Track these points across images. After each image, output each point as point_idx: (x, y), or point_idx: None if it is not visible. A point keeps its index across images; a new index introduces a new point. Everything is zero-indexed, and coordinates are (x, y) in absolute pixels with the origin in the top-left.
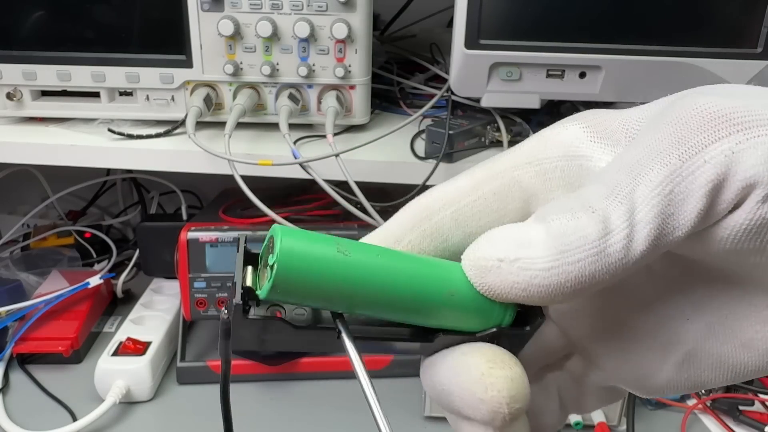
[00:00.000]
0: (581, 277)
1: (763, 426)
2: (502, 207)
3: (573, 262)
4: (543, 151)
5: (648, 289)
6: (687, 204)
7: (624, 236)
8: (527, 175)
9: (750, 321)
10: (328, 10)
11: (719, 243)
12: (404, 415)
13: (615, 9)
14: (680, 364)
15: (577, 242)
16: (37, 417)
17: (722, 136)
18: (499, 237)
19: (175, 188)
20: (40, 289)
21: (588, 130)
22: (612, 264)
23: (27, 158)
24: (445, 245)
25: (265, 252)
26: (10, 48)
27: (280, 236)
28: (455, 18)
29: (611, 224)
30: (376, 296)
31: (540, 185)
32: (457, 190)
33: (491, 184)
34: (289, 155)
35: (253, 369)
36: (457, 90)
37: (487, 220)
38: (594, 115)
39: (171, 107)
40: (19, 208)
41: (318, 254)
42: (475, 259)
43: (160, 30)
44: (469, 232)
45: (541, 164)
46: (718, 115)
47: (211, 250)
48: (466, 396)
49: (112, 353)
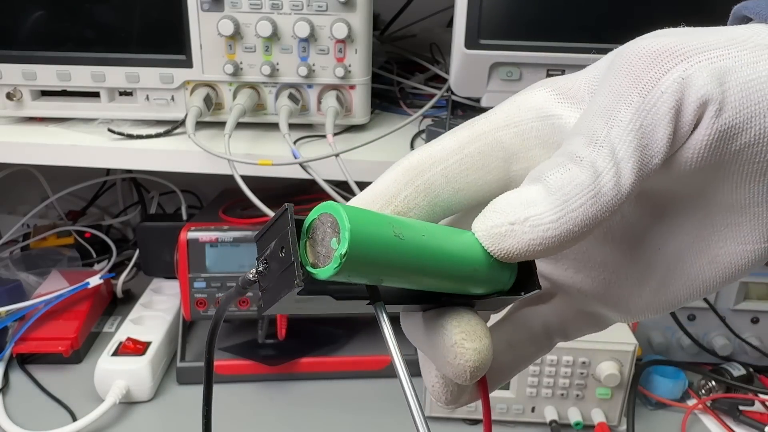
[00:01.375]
0: (586, 219)
1: (763, 426)
2: (486, 165)
3: (576, 208)
4: (518, 114)
5: (619, 226)
6: (657, 132)
7: (612, 174)
8: (507, 136)
9: (713, 239)
10: (328, 10)
11: (687, 163)
12: (404, 415)
13: (615, 9)
14: (656, 289)
15: (574, 190)
16: (37, 417)
17: (670, 67)
18: (503, 203)
19: (175, 188)
20: (40, 289)
21: (554, 93)
22: (609, 201)
23: (27, 158)
24: (436, 201)
25: (311, 227)
26: (10, 48)
27: (347, 222)
28: (455, 18)
29: (599, 167)
30: (418, 273)
31: (519, 144)
32: (443, 149)
33: (475, 144)
34: (289, 155)
35: (253, 369)
36: (457, 90)
37: (474, 177)
38: (555, 81)
39: (171, 107)
40: (19, 208)
41: (380, 239)
42: (487, 229)
43: (160, 30)
44: (457, 188)
45: (518, 126)
46: (660, 51)
47: (211, 250)
48: (439, 356)
49: (112, 353)
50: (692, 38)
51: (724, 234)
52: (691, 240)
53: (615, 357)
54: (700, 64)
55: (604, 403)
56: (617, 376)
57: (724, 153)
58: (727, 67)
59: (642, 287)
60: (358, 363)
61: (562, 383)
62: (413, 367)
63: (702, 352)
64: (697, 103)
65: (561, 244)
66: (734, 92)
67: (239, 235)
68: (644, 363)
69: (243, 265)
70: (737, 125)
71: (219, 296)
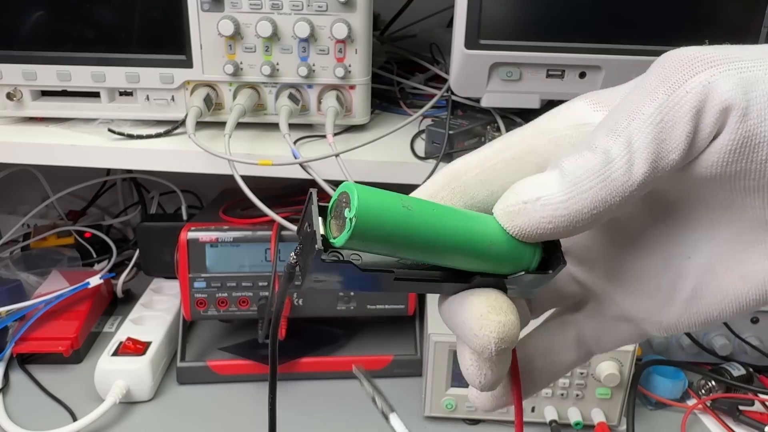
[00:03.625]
0: (594, 202)
1: (763, 426)
2: (521, 169)
3: (585, 190)
4: (554, 123)
5: (652, 233)
6: (676, 129)
7: (624, 162)
8: (541, 143)
9: (745, 255)
10: (328, 10)
11: (711, 168)
12: (404, 415)
13: (615, 9)
14: (687, 301)
15: (585, 174)
16: (37, 417)
17: (699, 71)
18: (521, 186)
19: (175, 188)
20: (40, 289)
21: (592, 103)
22: (618, 187)
23: (27, 158)
24: (472, 202)
25: (334, 206)
26: (10, 48)
27: (356, 193)
28: (455, 18)
29: (612, 154)
30: (432, 245)
31: (553, 150)
32: (480, 156)
33: (510, 150)
34: (289, 155)
35: (253, 369)
36: (457, 90)
37: (508, 180)
38: (596, 93)
39: (171, 107)
40: (19, 208)
41: (388, 209)
42: (504, 207)
43: (160, 30)
44: (492, 191)
45: (553, 133)
46: (693, 57)
47: (211, 250)
48: (467, 329)
49: (112, 353)
50: (726, 50)
51: (757, 251)
52: (723, 252)
53: (615, 357)
54: (728, 72)
55: (604, 403)
56: (617, 375)
57: (751, 162)
58: (755, 77)
59: (672, 298)
60: (358, 363)
61: (562, 383)
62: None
63: (702, 352)
64: (719, 107)
65: (570, 224)
66: (760, 101)
67: (239, 235)
68: (644, 363)
69: (243, 265)
70: (762, 133)
71: (219, 296)
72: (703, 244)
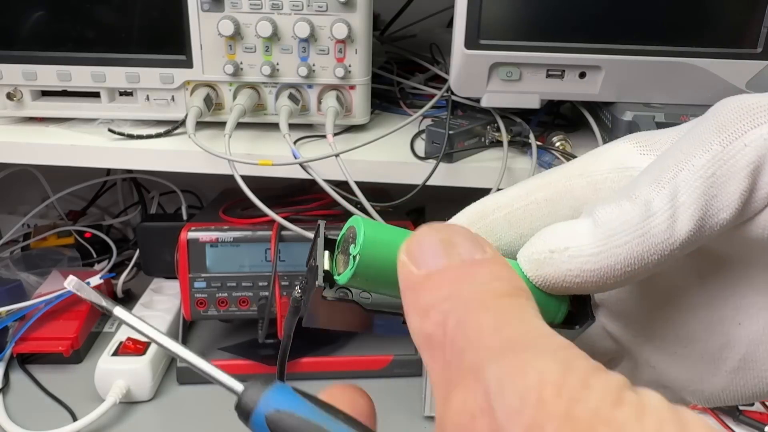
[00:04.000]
0: (629, 259)
1: (763, 426)
2: (553, 212)
3: (620, 245)
4: (594, 164)
5: (698, 293)
6: (729, 186)
7: (667, 217)
8: (579, 186)
9: None
10: (328, 10)
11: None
12: (404, 415)
13: (615, 9)
14: (735, 370)
15: (621, 226)
16: (37, 417)
17: (761, 122)
18: (549, 232)
19: (175, 188)
20: (40, 289)
21: (638, 145)
22: (658, 245)
23: (27, 158)
24: (498, 244)
25: (342, 240)
26: (10, 48)
27: (363, 229)
28: (455, 18)
29: (653, 207)
30: None
31: (591, 195)
32: (510, 195)
33: (544, 191)
34: (289, 155)
35: (252, 369)
36: (457, 90)
37: (539, 223)
38: (643, 134)
39: (171, 107)
40: (19, 208)
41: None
42: (529, 254)
43: (160, 30)
44: (521, 233)
45: (592, 176)
46: (756, 106)
47: (211, 250)
48: None
49: (112, 353)
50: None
51: None
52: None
53: None
54: None
55: None
56: None
57: None
58: None
59: (718, 367)
60: (358, 363)
61: None
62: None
63: None
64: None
65: (600, 280)
66: None
67: (239, 235)
68: None
69: (243, 265)
70: None
71: (219, 296)
72: (756, 310)
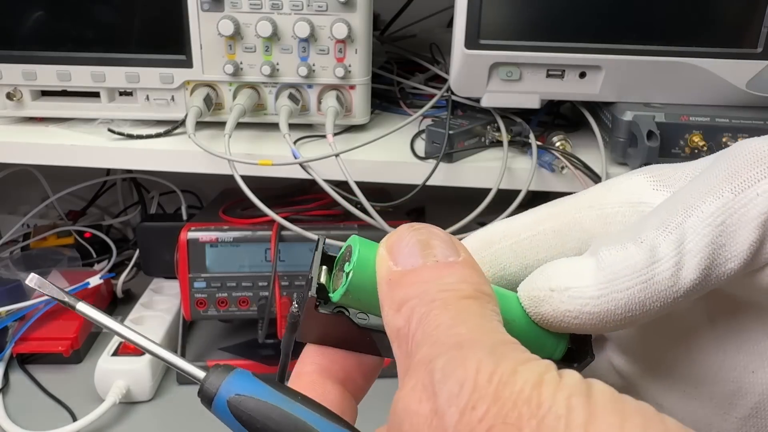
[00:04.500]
0: (631, 304)
1: None
2: (561, 244)
3: (622, 289)
4: (605, 196)
5: (708, 335)
6: (739, 235)
7: (672, 264)
8: (588, 218)
9: None
10: (328, 10)
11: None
12: None
13: (615, 9)
14: (746, 418)
15: (624, 271)
16: (37, 417)
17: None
18: (552, 270)
19: (175, 188)
20: None
21: (651, 179)
22: (661, 292)
23: (27, 158)
24: (502, 273)
25: (341, 258)
26: (10, 48)
27: (358, 248)
28: (455, 18)
29: (659, 253)
30: None
31: (600, 228)
32: (518, 224)
33: (552, 222)
34: (289, 155)
35: (253, 369)
36: (457, 90)
37: (545, 255)
38: (659, 168)
39: (171, 107)
40: (19, 208)
41: None
42: (529, 290)
43: (160, 30)
44: (526, 264)
45: (602, 209)
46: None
47: (211, 250)
48: None
49: (112, 353)
50: None
51: None
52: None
53: None
54: None
55: None
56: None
57: None
58: None
59: (728, 413)
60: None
61: None
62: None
63: None
64: None
65: (599, 323)
66: None
67: (239, 235)
68: None
69: (243, 265)
70: None
71: (219, 296)
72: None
